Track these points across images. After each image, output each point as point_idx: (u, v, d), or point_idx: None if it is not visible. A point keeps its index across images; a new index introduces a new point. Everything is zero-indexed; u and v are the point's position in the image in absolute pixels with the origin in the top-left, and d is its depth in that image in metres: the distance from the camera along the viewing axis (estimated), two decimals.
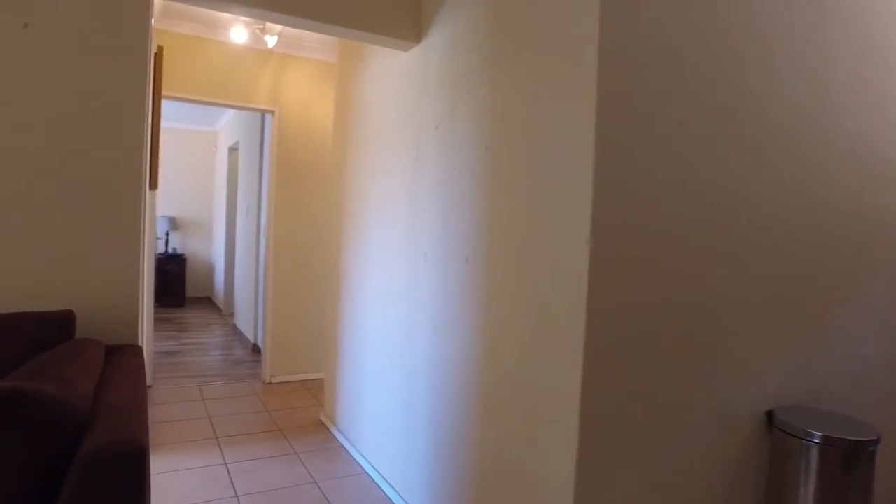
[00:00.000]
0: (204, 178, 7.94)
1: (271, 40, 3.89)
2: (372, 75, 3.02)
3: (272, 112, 4.32)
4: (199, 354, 5.17)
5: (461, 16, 2.19)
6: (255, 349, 5.24)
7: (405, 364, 2.53)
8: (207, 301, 7.96)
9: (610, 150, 1.56)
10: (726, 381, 1.85)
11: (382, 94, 2.87)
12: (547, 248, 1.70)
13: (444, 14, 2.32)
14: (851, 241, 2.14)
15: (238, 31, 3.84)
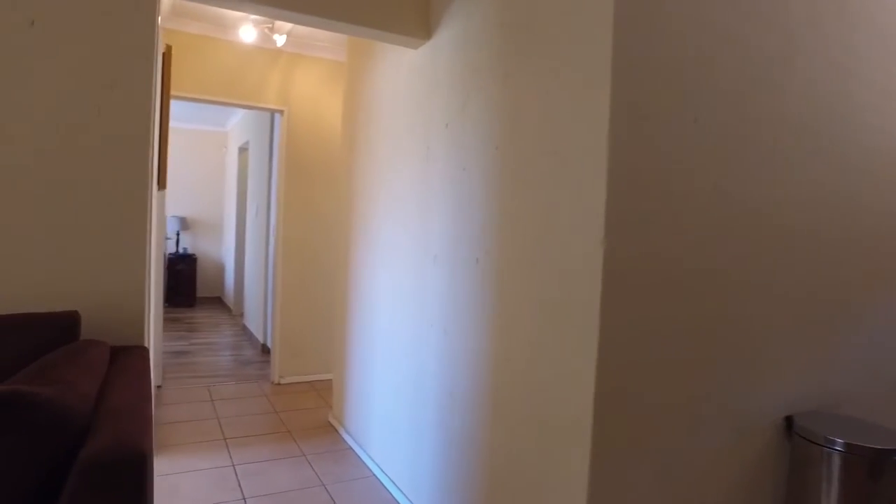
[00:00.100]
0: (214, 179, 7.96)
1: (280, 39, 3.87)
2: (381, 73, 2.99)
3: (281, 111, 4.31)
4: (209, 355, 5.17)
5: (471, 12, 2.15)
6: (265, 349, 5.24)
7: (413, 366, 2.50)
8: (218, 301, 7.97)
9: (624, 148, 1.51)
10: (744, 384, 1.79)
11: (392, 92, 2.84)
12: (560, 249, 1.65)
13: (453, 10, 2.29)
14: (876, 241, 2.07)
15: (247, 31, 3.83)
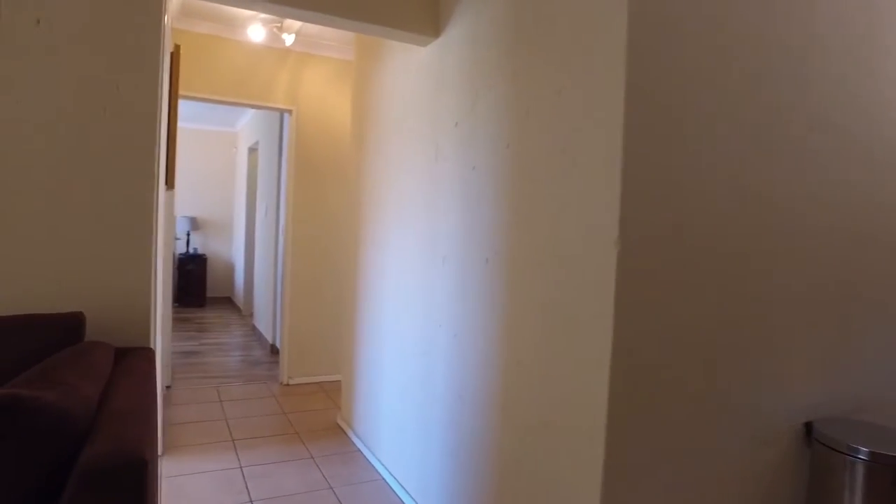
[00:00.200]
0: (225, 179, 7.98)
1: (289, 39, 3.85)
2: (390, 72, 2.95)
3: (290, 111, 4.29)
4: (219, 355, 5.17)
5: (481, 8, 2.11)
6: (274, 350, 5.22)
7: (422, 367, 2.46)
8: (228, 301, 7.99)
9: (640, 146, 1.47)
10: (761, 389, 1.74)
11: (400, 91, 2.81)
12: (572, 250, 1.61)
13: (463, 7, 2.25)
14: None
15: (256, 30, 3.81)
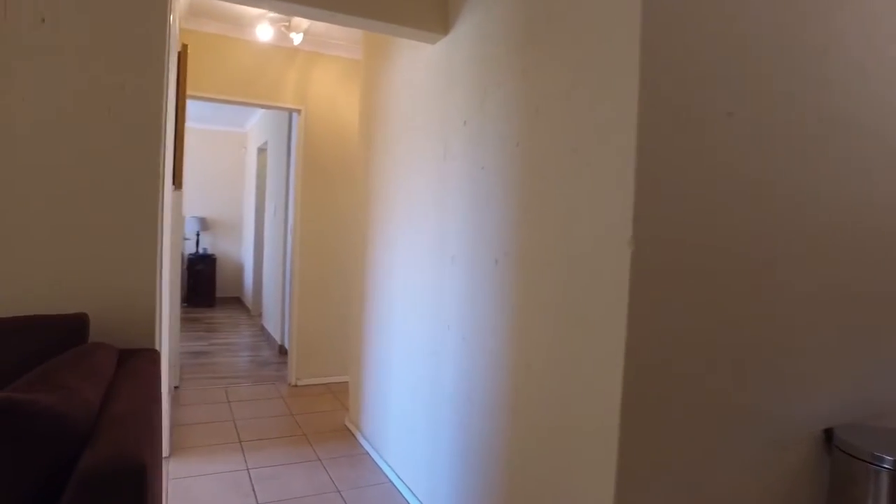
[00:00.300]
0: (234, 179, 8.00)
1: (297, 38, 3.83)
2: (398, 71, 2.92)
3: (298, 111, 4.27)
4: (227, 355, 5.16)
5: (491, 4, 2.07)
6: (282, 350, 5.21)
7: (430, 369, 2.43)
8: (237, 301, 8.00)
9: (653, 144, 1.42)
10: (780, 393, 1.68)
11: (409, 89, 2.78)
12: (584, 250, 1.56)
13: (472, 3, 2.21)
14: None
15: (264, 29, 3.79)
